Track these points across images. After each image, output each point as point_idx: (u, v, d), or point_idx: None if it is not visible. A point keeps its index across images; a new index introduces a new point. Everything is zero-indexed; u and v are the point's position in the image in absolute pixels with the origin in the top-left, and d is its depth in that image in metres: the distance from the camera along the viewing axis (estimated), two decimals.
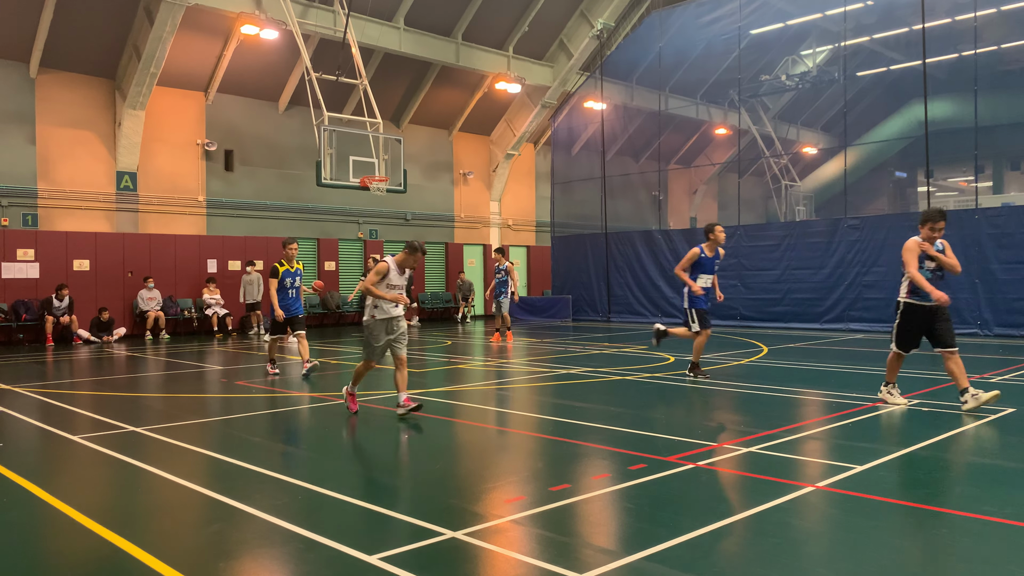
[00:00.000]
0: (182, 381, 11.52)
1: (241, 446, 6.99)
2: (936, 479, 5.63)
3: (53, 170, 19.12)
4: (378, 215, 24.96)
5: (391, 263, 8.02)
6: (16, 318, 17.82)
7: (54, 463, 6.49)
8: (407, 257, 8.11)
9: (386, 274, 7.96)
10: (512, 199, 29.34)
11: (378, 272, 7.96)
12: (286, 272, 11.57)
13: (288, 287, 11.60)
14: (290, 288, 11.63)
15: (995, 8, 18.71)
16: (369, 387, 10.50)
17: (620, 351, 14.75)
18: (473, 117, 26.92)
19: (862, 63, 25.57)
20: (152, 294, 19.62)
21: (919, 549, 4.26)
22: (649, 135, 25.88)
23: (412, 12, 22.27)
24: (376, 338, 8.05)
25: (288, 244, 11.69)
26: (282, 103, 22.75)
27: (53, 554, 4.44)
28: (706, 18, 22.57)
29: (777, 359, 13.03)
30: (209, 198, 21.51)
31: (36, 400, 9.61)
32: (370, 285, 7.89)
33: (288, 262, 11.61)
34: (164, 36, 18.17)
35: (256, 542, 4.48)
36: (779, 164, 30.33)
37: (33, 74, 18.78)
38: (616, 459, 6.23)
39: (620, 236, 23.38)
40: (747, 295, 20.39)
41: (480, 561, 4.13)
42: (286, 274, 11.57)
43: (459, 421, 8.08)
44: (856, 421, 7.58)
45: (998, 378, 10.43)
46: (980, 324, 16.69)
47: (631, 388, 10.11)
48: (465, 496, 5.36)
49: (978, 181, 19.92)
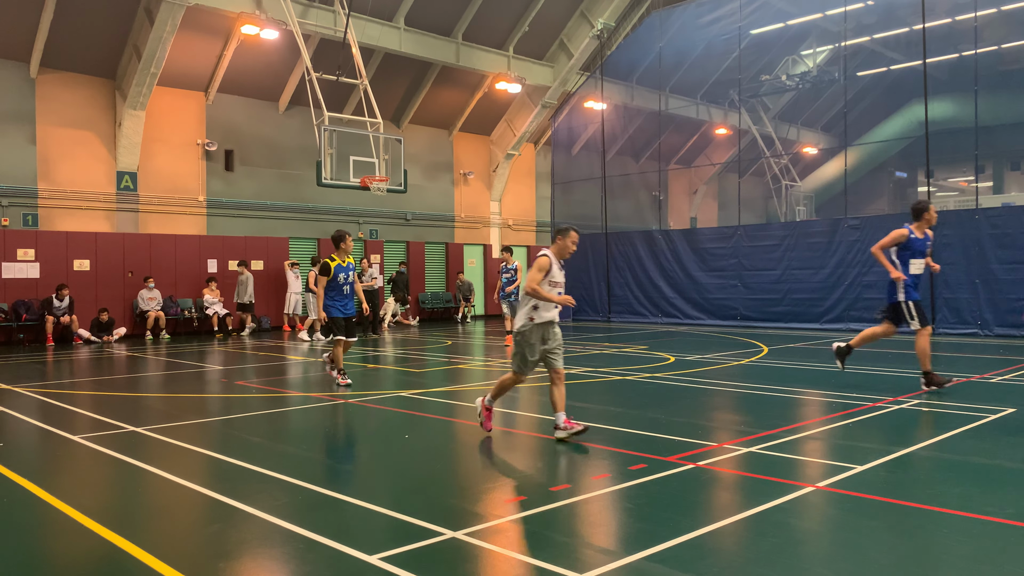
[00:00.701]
0: (182, 381, 11.52)
1: (241, 446, 6.99)
2: (936, 479, 5.63)
3: (53, 170, 19.13)
4: (378, 215, 24.96)
5: (550, 256, 7.00)
6: (16, 318, 17.82)
7: (54, 463, 6.49)
8: (563, 244, 7.06)
9: (548, 270, 6.92)
10: (512, 199, 29.34)
11: (540, 268, 6.89)
12: (339, 267, 10.42)
13: (342, 283, 10.45)
14: (344, 284, 10.47)
15: (995, 8, 18.71)
16: (369, 387, 10.50)
17: (620, 351, 14.74)
18: (473, 117, 26.92)
19: (862, 63, 25.58)
20: (152, 294, 19.62)
21: (919, 549, 4.26)
22: (649, 135, 25.89)
23: (412, 12, 22.28)
24: (531, 348, 6.95)
25: (343, 238, 10.50)
26: (282, 103, 22.75)
27: (53, 554, 4.44)
28: (706, 18, 22.57)
29: (777, 359, 13.03)
30: (209, 198, 21.52)
31: (36, 400, 9.61)
32: (535, 285, 6.81)
33: (341, 257, 10.45)
34: (164, 36, 18.17)
35: (256, 542, 4.48)
36: (779, 164, 30.32)
37: (33, 74, 18.78)
38: (616, 459, 6.23)
39: (620, 236, 23.38)
40: (747, 295, 20.40)
41: (480, 561, 4.13)
42: (339, 269, 10.41)
43: (459, 421, 8.08)
44: (856, 421, 7.58)
45: (998, 378, 10.43)
46: (980, 324, 16.70)
47: (631, 388, 10.11)
48: (465, 496, 5.36)
49: (978, 181, 19.90)
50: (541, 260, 6.93)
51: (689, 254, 21.65)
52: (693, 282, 21.48)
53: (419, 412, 8.51)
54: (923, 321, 9.17)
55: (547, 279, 6.91)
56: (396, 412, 8.55)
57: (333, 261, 10.37)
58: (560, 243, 7.07)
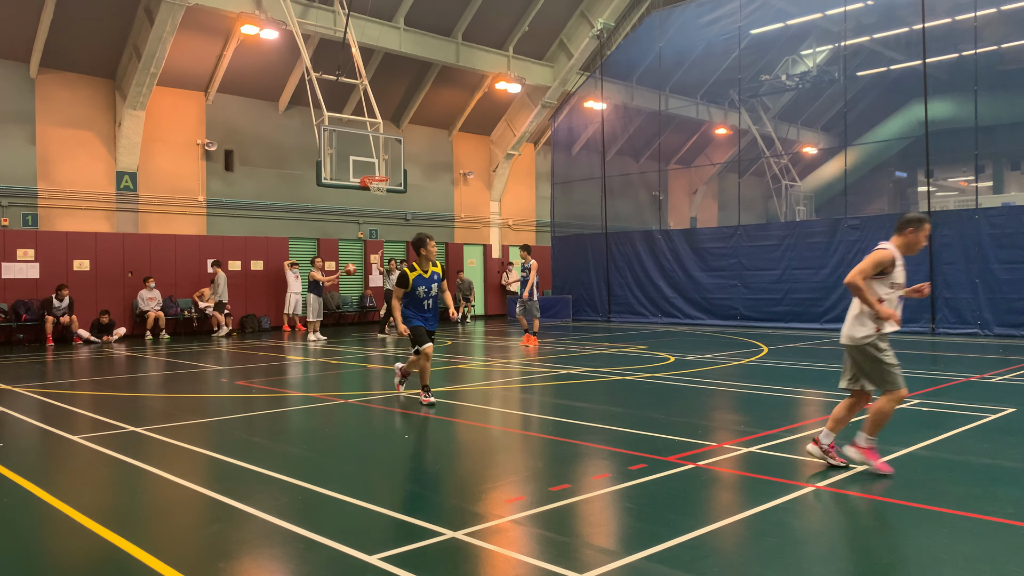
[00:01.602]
0: (182, 381, 11.52)
1: (241, 446, 6.99)
2: (936, 479, 5.62)
3: (53, 170, 19.12)
4: (378, 215, 24.96)
5: (892, 249, 5.58)
6: (16, 318, 17.82)
7: (54, 463, 6.49)
8: (914, 238, 5.60)
9: (889, 266, 5.53)
10: (512, 199, 29.33)
11: (877, 263, 5.49)
12: (419, 279, 8.71)
13: (421, 298, 8.76)
14: (425, 299, 8.78)
15: (995, 8, 18.71)
16: (369, 387, 10.51)
17: (620, 351, 14.74)
18: (473, 117, 26.92)
19: (862, 63, 25.57)
20: (152, 294, 19.61)
21: (919, 549, 4.26)
22: (649, 135, 25.89)
23: (412, 12, 22.27)
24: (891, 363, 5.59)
25: (424, 242, 8.69)
26: (282, 103, 22.75)
27: (53, 554, 4.44)
28: (706, 18, 22.58)
29: (777, 359, 13.03)
30: (209, 198, 21.51)
31: (36, 400, 9.61)
32: (861, 280, 5.48)
33: (423, 265, 8.74)
34: (164, 36, 18.16)
35: (256, 542, 4.48)
36: (779, 164, 30.32)
37: (33, 74, 18.78)
38: (616, 459, 6.23)
39: (620, 236, 23.39)
40: (747, 295, 20.40)
41: (480, 561, 4.13)
42: (418, 282, 8.70)
43: (459, 421, 8.08)
44: (856, 421, 7.57)
45: (999, 378, 10.43)
46: (980, 324, 16.70)
47: (631, 388, 10.11)
48: (465, 496, 5.36)
49: (978, 181, 19.91)
50: (881, 253, 5.53)
51: (689, 254, 21.65)
52: (693, 282, 21.48)
53: (419, 412, 8.51)
54: None
55: (886, 279, 5.55)
56: (396, 412, 8.55)
57: (413, 272, 8.69)
58: (911, 236, 5.63)
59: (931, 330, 17.19)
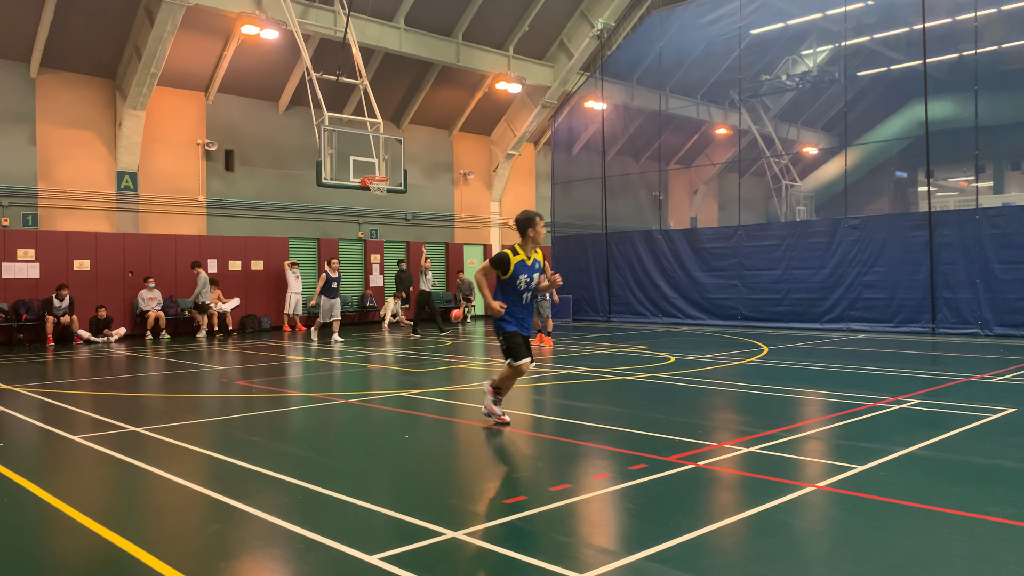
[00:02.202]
0: (182, 381, 11.52)
1: (241, 446, 6.99)
2: (936, 479, 5.62)
3: (53, 170, 19.13)
4: (378, 215, 24.96)
5: None
6: (16, 318, 17.82)
7: (54, 463, 6.49)
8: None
9: None
10: (512, 199, 29.33)
11: None
12: (521, 265, 7.27)
13: (522, 289, 7.31)
14: (525, 291, 7.33)
15: (995, 8, 18.70)
16: (369, 386, 10.51)
17: (620, 351, 14.74)
18: (473, 117, 26.92)
19: (862, 63, 25.57)
20: (152, 294, 19.61)
21: (919, 549, 4.25)
22: (649, 135, 25.88)
23: (412, 12, 22.28)
24: None
25: (532, 221, 7.36)
26: (282, 103, 22.75)
27: (53, 554, 4.44)
28: (706, 18, 22.58)
29: (777, 359, 13.03)
30: (209, 198, 21.52)
31: (36, 400, 9.61)
32: None
33: (527, 250, 7.36)
34: (164, 36, 18.17)
35: (256, 542, 4.48)
36: (779, 164, 30.33)
37: (33, 74, 18.78)
38: (616, 459, 6.23)
39: (620, 236, 23.38)
40: (747, 295, 20.40)
41: (480, 561, 4.13)
42: (520, 268, 7.26)
43: (459, 421, 8.08)
44: (856, 421, 7.57)
45: (999, 378, 10.43)
46: (980, 324, 16.70)
47: (631, 388, 10.11)
48: (465, 496, 5.36)
49: (978, 181, 19.89)
50: None
51: (689, 254, 21.65)
52: (693, 282, 21.48)
53: (419, 412, 8.51)
54: None
55: None
56: (396, 412, 8.56)
57: (516, 255, 7.28)
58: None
59: (931, 330, 17.19)
